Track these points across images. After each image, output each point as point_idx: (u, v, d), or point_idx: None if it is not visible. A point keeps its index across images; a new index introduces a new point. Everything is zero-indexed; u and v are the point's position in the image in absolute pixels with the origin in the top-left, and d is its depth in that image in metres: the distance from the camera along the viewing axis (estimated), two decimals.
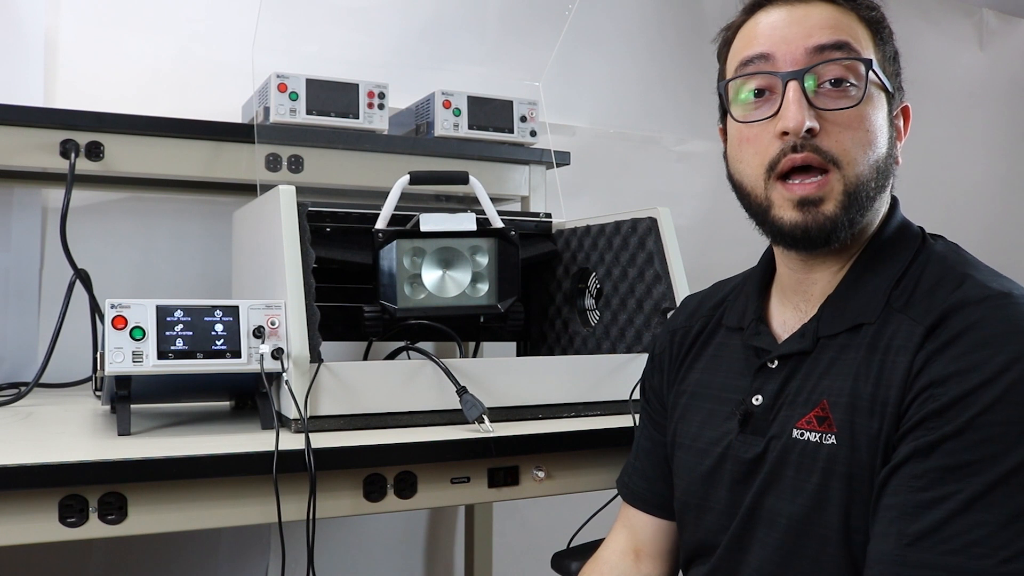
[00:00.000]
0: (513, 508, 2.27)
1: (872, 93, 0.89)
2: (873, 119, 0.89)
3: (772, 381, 0.93)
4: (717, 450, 0.96)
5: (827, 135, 0.87)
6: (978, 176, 3.11)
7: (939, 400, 0.78)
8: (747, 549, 0.91)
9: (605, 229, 1.56)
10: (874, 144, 0.88)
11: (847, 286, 0.92)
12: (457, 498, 1.20)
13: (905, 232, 0.94)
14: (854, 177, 0.87)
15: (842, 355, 0.88)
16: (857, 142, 0.87)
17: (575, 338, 1.64)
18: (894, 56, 0.95)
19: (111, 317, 1.11)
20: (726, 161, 0.98)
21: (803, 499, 0.86)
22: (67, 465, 0.96)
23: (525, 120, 1.92)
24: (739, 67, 0.93)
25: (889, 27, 0.94)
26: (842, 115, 0.87)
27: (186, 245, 1.99)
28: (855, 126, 0.87)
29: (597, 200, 2.34)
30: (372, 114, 1.76)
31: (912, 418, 0.80)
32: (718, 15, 1.01)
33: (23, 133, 1.58)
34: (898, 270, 0.89)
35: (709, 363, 1.04)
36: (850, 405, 0.84)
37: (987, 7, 3.18)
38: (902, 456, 0.79)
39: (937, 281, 0.86)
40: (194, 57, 1.98)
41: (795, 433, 0.88)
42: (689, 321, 1.10)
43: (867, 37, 0.91)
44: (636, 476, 1.12)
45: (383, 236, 1.39)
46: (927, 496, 0.77)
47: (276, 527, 1.04)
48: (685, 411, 1.04)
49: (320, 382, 1.17)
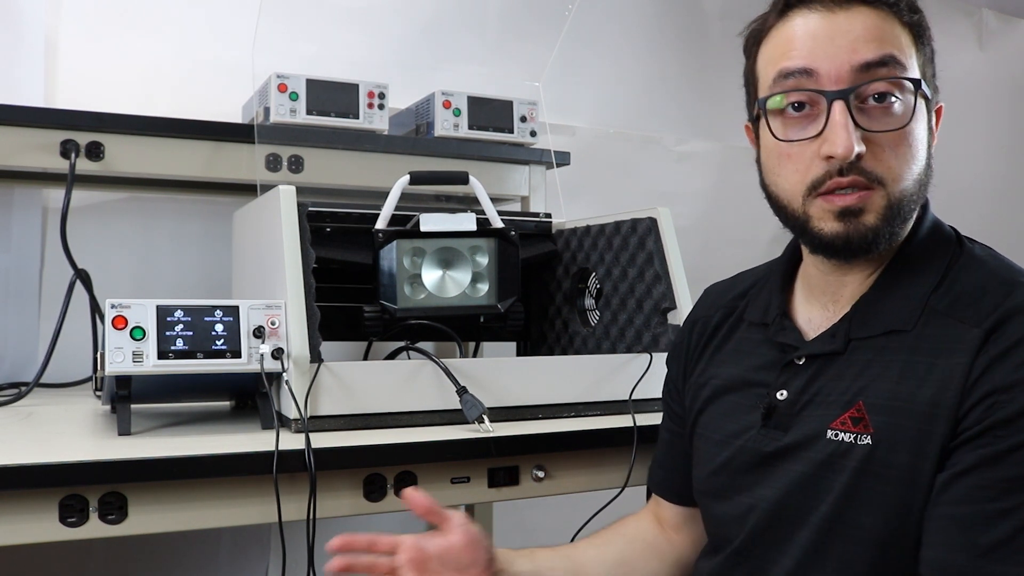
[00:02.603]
0: (513, 508, 2.26)
1: (918, 108, 0.87)
2: (917, 134, 0.88)
3: (799, 377, 0.92)
4: (738, 442, 0.96)
5: (873, 157, 0.85)
6: (978, 176, 3.10)
7: (1006, 408, 0.77)
8: (779, 548, 0.91)
9: (605, 229, 1.57)
10: (917, 159, 0.88)
11: (881, 289, 0.90)
12: (457, 498, 1.20)
13: (939, 234, 0.93)
14: (898, 193, 0.86)
15: (879, 357, 0.87)
16: (902, 160, 0.86)
17: (575, 338, 1.64)
18: (931, 56, 0.92)
19: (111, 317, 1.11)
20: (759, 167, 0.95)
21: (831, 498, 0.85)
22: (67, 465, 0.96)
23: (525, 120, 1.92)
24: (777, 79, 0.89)
25: (928, 28, 0.91)
26: (888, 136, 0.85)
27: (186, 245, 1.99)
28: (901, 144, 0.86)
29: (597, 200, 2.34)
30: (372, 114, 1.76)
31: (975, 426, 0.78)
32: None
33: (23, 133, 1.57)
34: (936, 273, 0.88)
35: (731, 356, 1.03)
36: (891, 407, 0.83)
37: (987, 7, 3.18)
38: (966, 464, 0.78)
39: (983, 285, 0.85)
40: (194, 57, 1.97)
41: (829, 434, 0.87)
42: (709, 311, 1.09)
43: (910, 43, 0.88)
44: (656, 465, 1.15)
45: (383, 236, 1.39)
46: (998, 506, 0.76)
47: (276, 527, 1.04)
48: (708, 403, 1.03)
49: (320, 382, 1.17)
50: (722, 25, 2.59)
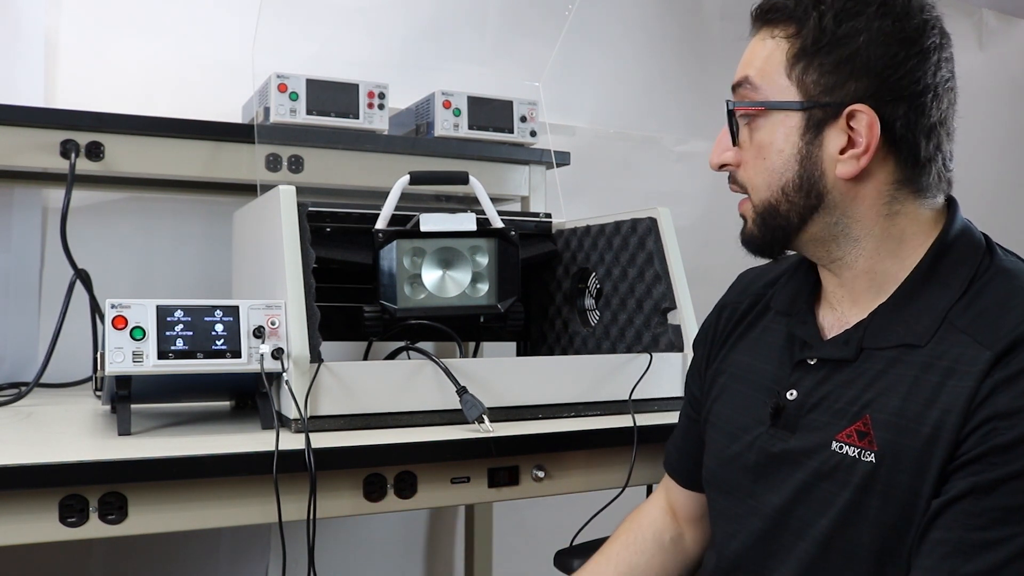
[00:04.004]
0: (513, 508, 2.27)
1: (759, 123, 0.91)
2: (771, 146, 0.90)
3: (809, 378, 0.92)
4: (746, 437, 0.96)
5: (743, 167, 0.94)
6: (977, 176, 3.10)
7: (1004, 435, 0.75)
8: (777, 556, 0.90)
9: (605, 229, 1.57)
10: (771, 170, 0.91)
11: (901, 297, 0.88)
12: (457, 498, 1.20)
13: (967, 241, 0.89)
14: (760, 202, 0.93)
15: (891, 369, 0.85)
16: (757, 172, 0.92)
17: (575, 338, 1.64)
18: (839, 61, 0.85)
19: (111, 317, 1.11)
20: None
21: (833, 513, 0.84)
22: (67, 465, 0.96)
23: (525, 120, 1.92)
24: None
25: (831, 31, 0.85)
26: (746, 150, 0.93)
27: (186, 245, 1.99)
28: (756, 157, 0.92)
29: (597, 200, 2.34)
30: (372, 114, 1.76)
31: (972, 451, 0.77)
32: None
33: (23, 133, 1.58)
34: (960, 286, 0.85)
35: (752, 345, 1.03)
36: (896, 424, 0.82)
37: (987, 7, 3.18)
38: (960, 490, 0.76)
39: (1006, 302, 0.82)
40: (194, 57, 1.97)
41: (834, 445, 0.85)
42: (740, 297, 1.09)
43: (782, 60, 0.88)
44: (672, 446, 1.16)
45: (383, 236, 1.39)
46: (985, 536, 0.74)
47: (276, 527, 1.04)
48: (722, 391, 1.03)
49: (320, 382, 1.17)
50: (722, 25, 2.59)
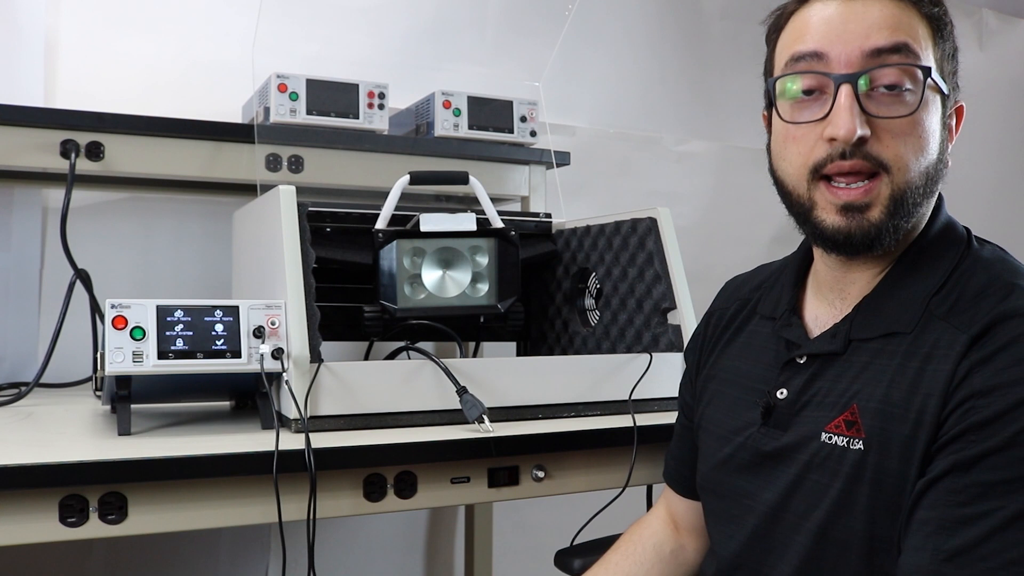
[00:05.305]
0: (513, 508, 2.27)
1: (928, 98, 0.85)
2: (927, 124, 0.85)
3: (798, 377, 0.92)
4: (738, 439, 0.96)
5: (878, 141, 0.84)
6: (978, 176, 3.10)
7: (981, 413, 0.76)
8: (775, 552, 0.90)
9: (605, 229, 1.57)
10: (926, 150, 0.85)
11: (885, 289, 0.89)
12: (457, 498, 1.20)
13: (950, 234, 0.91)
14: (903, 183, 0.84)
15: (876, 360, 0.86)
16: (909, 148, 0.84)
17: (575, 338, 1.64)
18: (953, 53, 0.90)
19: (111, 317, 1.11)
20: (769, 154, 0.94)
21: (827, 504, 0.85)
22: (67, 465, 0.96)
23: (525, 120, 1.92)
24: (789, 62, 0.89)
25: (951, 23, 0.89)
26: (895, 122, 0.84)
27: (186, 245, 1.99)
28: (908, 132, 0.84)
29: (597, 200, 2.34)
30: (372, 114, 1.76)
31: (952, 430, 0.78)
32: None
33: (23, 133, 1.58)
34: (940, 276, 0.86)
35: (740, 350, 1.03)
36: (882, 412, 0.83)
37: (987, 7, 3.17)
38: (940, 469, 0.77)
39: (983, 289, 0.83)
40: (194, 57, 1.98)
41: (823, 436, 0.86)
42: (726, 303, 1.09)
43: (927, 35, 0.86)
44: (670, 456, 1.16)
45: (383, 236, 1.39)
46: (967, 511, 0.75)
47: (276, 527, 1.04)
48: (713, 396, 1.04)
49: (320, 382, 1.17)
50: (722, 25, 2.59)
